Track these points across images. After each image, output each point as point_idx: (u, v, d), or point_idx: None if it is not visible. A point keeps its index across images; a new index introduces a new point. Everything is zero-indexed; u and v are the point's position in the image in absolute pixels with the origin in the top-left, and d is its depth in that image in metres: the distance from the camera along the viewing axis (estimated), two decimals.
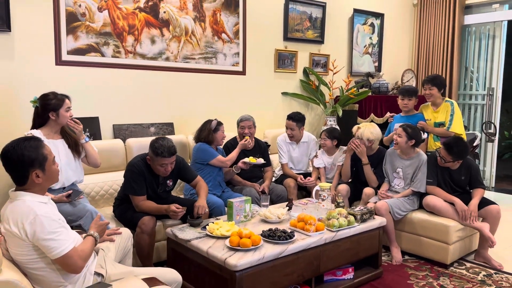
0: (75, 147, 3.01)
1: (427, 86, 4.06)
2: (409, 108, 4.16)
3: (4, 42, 3.33)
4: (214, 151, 3.68)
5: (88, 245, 1.99)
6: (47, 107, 2.87)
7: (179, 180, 3.50)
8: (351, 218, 3.03)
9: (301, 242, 2.68)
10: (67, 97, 2.95)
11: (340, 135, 4.19)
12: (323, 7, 5.37)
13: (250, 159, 3.79)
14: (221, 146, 3.91)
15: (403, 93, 4.15)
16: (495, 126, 6.10)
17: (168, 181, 3.22)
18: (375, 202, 3.57)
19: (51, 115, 2.87)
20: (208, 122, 3.73)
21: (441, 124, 4.00)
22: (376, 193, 3.77)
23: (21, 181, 1.91)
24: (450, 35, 6.11)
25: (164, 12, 4.11)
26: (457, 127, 3.93)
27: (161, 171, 3.03)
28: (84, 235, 2.13)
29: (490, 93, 6.17)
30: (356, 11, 5.80)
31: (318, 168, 4.19)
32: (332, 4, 5.50)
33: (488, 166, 6.28)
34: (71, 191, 2.80)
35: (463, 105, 6.45)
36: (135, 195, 3.01)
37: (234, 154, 3.79)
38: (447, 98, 4.14)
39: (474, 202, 3.41)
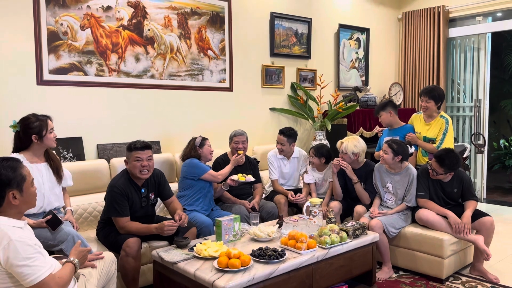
0: (58, 171, 2.91)
1: (424, 98, 3.90)
2: (387, 123, 4.08)
3: None
4: (205, 166, 3.62)
5: (67, 272, 1.89)
6: (30, 131, 2.75)
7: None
8: (343, 234, 2.95)
9: (292, 260, 2.59)
10: (48, 117, 2.85)
11: (329, 152, 4.11)
12: (308, 22, 5.38)
13: (240, 177, 3.71)
14: (211, 161, 3.83)
15: (374, 113, 4.18)
16: (484, 138, 6.10)
17: (150, 194, 3.13)
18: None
19: (34, 139, 2.77)
20: (193, 139, 3.68)
21: (431, 140, 3.88)
22: (368, 210, 3.69)
23: None
24: (435, 48, 6.15)
25: (149, 29, 4.06)
26: (447, 146, 3.74)
27: (138, 167, 2.96)
28: (63, 260, 2.02)
29: (478, 104, 6.20)
30: (341, 26, 5.82)
31: (308, 184, 4.11)
32: (317, 19, 5.52)
33: (479, 178, 6.27)
34: (50, 216, 2.64)
35: (451, 117, 6.44)
36: (118, 216, 2.90)
37: (227, 169, 3.72)
38: (442, 113, 3.94)
39: (467, 214, 3.35)
